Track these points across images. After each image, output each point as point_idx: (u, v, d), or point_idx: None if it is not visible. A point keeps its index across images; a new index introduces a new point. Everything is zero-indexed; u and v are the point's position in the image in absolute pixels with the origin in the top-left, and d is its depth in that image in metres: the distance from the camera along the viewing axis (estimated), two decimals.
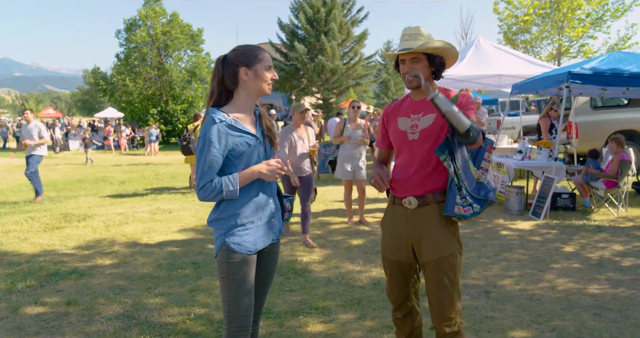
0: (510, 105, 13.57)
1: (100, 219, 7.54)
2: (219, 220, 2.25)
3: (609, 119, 10.63)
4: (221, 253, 2.23)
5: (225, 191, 2.17)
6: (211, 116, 2.19)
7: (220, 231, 2.25)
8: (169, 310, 3.91)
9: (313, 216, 7.43)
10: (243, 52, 2.25)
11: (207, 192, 2.17)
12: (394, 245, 2.53)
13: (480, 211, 2.35)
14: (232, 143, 2.19)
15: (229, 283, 2.23)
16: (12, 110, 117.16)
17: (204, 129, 2.17)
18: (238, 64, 2.22)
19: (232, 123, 2.21)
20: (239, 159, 2.23)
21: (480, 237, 5.97)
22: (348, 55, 34.36)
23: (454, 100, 2.42)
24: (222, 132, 2.17)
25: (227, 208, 2.24)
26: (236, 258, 2.22)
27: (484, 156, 2.49)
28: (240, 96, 2.28)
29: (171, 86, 27.28)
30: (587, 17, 23.39)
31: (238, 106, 2.28)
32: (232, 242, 2.21)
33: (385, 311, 3.79)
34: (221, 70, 2.24)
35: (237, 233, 2.22)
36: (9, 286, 4.51)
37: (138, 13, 27.47)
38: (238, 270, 2.22)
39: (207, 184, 2.17)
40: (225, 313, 2.27)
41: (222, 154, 2.18)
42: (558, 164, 7.44)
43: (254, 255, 2.28)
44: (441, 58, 2.45)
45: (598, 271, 4.69)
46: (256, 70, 2.24)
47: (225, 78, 2.24)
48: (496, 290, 4.22)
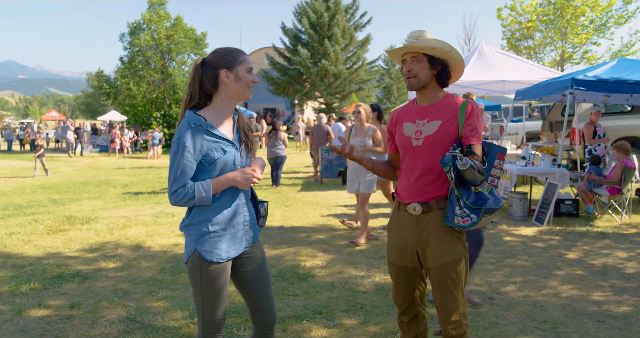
0: (513, 111, 13.59)
1: (103, 222, 7.56)
2: (190, 225, 2.21)
3: (612, 126, 10.63)
4: (192, 260, 2.19)
5: (197, 197, 2.13)
6: (186, 119, 2.15)
7: (192, 237, 2.20)
8: (173, 313, 3.91)
9: (316, 221, 7.44)
10: (223, 54, 2.21)
11: (179, 197, 2.12)
12: (399, 250, 2.54)
13: (478, 220, 2.30)
14: (207, 148, 2.15)
15: (203, 289, 2.21)
16: (16, 112, 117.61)
17: (179, 133, 2.13)
18: (218, 66, 2.19)
19: (208, 128, 2.17)
20: (214, 165, 2.18)
21: (484, 243, 5.95)
22: (351, 60, 34.43)
23: (463, 107, 2.39)
24: (196, 136, 2.13)
25: (199, 214, 2.20)
26: (208, 266, 2.18)
27: (493, 164, 2.45)
28: (220, 99, 2.23)
29: (175, 90, 27.36)
30: (591, 23, 23.45)
31: (216, 110, 2.23)
32: (204, 249, 2.18)
33: (388, 316, 3.79)
34: (200, 73, 2.20)
35: (208, 240, 2.19)
36: (13, 289, 4.52)
37: (142, 17, 27.58)
38: (210, 277, 2.19)
39: (180, 189, 2.12)
40: (199, 317, 2.26)
41: (195, 159, 2.14)
42: (561, 171, 7.44)
43: (227, 263, 2.25)
44: (444, 62, 2.43)
45: (602, 278, 4.68)
46: (237, 72, 2.20)
47: (204, 81, 2.19)
48: (499, 296, 4.22)
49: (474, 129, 2.37)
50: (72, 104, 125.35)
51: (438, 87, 2.49)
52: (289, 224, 7.19)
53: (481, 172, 2.28)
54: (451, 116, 2.40)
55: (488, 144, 2.48)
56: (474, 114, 2.38)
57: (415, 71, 2.43)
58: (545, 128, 12.90)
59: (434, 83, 2.47)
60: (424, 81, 2.44)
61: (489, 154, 2.46)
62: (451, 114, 2.40)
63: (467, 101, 2.42)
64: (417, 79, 2.43)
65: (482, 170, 2.29)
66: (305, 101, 34.86)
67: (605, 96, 7.95)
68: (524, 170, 7.85)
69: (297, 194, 10.30)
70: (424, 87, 2.47)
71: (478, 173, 2.26)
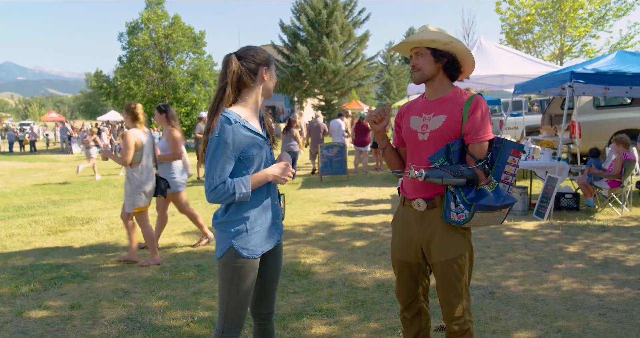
0: (513, 105, 13.57)
1: (103, 222, 7.55)
2: (227, 222, 2.22)
3: (612, 119, 10.60)
4: (227, 256, 2.21)
5: (238, 194, 2.13)
6: (225, 116, 2.13)
7: (227, 234, 2.22)
8: (173, 313, 3.91)
9: (316, 219, 7.43)
10: (261, 52, 2.26)
11: (219, 194, 2.12)
12: (403, 245, 2.52)
13: (470, 216, 2.24)
14: (245, 144, 2.16)
15: (232, 285, 2.22)
16: (16, 114, 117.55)
17: (219, 129, 2.11)
18: (260, 63, 2.23)
19: (245, 124, 2.18)
20: (251, 161, 2.20)
21: (484, 238, 5.96)
22: (350, 56, 34.35)
23: (467, 103, 2.33)
24: (236, 133, 2.13)
25: (237, 211, 2.21)
26: (242, 262, 2.21)
27: (506, 161, 2.36)
28: (252, 95, 2.26)
29: (174, 89, 27.34)
30: (590, 16, 23.38)
31: (247, 106, 2.25)
32: (240, 246, 2.20)
33: (389, 312, 3.78)
34: (240, 66, 2.19)
35: (245, 237, 2.21)
36: (13, 290, 4.52)
37: (140, 16, 27.54)
38: (242, 274, 2.22)
39: (220, 186, 2.12)
40: (222, 311, 2.27)
41: (235, 155, 2.15)
42: (561, 164, 7.42)
43: (259, 258, 2.28)
44: (450, 55, 2.38)
45: (602, 271, 4.67)
46: (272, 71, 2.28)
47: (243, 75, 2.20)
48: (500, 290, 4.21)
49: (475, 127, 2.31)
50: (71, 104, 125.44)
51: (447, 80, 2.44)
52: (289, 221, 7.18)
53: (459, 176, 2.25)
54: (456, 111, 2.34)
55: (500, 140, 2.38)
56: (477, 110, 2.31)
57: (419, 65, 2.39)
58: (545, 121, 12.88)
59: (441, 76, 2.42)
60: (427, 74, 2.40)
61: (502, 151, 2.37)
62: (456, 109, 2.35)
63: (473, 97, 2.34)
64: (420, 72, 2.40)
65: (460, 173, 2.25)
66: (304, 99, 34.82)
67: (605, 89, 7.92)
68: (524, 164, 7.83)
69: (297, 191, 10.29)
70: (431, 81, 2.43)
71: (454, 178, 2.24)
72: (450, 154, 2.33)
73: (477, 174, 2.29)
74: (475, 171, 2.29)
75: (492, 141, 2.38)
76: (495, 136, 2.41)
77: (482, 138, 2.32)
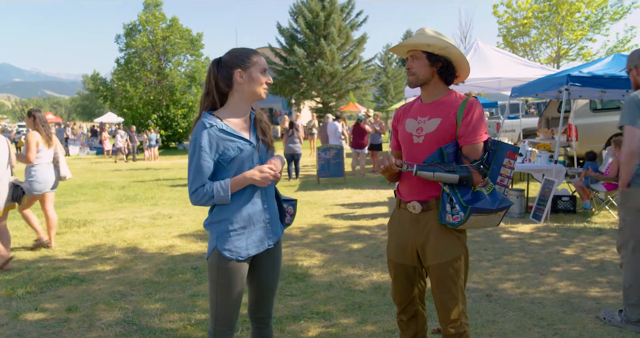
0: (509, 108, 13.59)
1: (100, 224, 7.54)
2: (212, 223, 2.28)
3: (608, 122, 10.63)
4: (212, 257, 2.26)
5: (216, 197, 2.18)
6: (202, 120, 2.19)
7: (213, 235, 2.27)
8: (170, 315, 3.90)
9: (314, 221, 7.43)
10: (238, 55, 2.24)
11: (199, 197, 2.18)
12: (399, 248, 2.52)
13: (465, 218, 2.25)
14: (223, 147, 2.19)
15: (219, 286, 2.25)
16: (12, 116, 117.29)
17: (195, 134, 2.18)
18: (233, 66, 2.22)
19: (224, 127, 2.20)
20: (231, 164, 2.22)
21: (481, 240, 5.96)
22: (347, 59, 34.41)
23: (462, 106, 2.34)
24: (212, 136, 2.16)
25: (219, 213, 2.25)
26: (226, 263, 2.23)
27: (502, 163, 2.38)
28: (234, 99, 2.27)
29: (171, 91, 27.32)
30: (586, 20, 23.48)
31: (232, 110, 2.27)
32: (223, 247, 2.23)
33: (386, 315, 3.78)
34: (216, 72, 2.23)
35: (228, 239, 2.24)
36: (9, 293, 4.50)
37: (138, 18, 27.55)
38: (227, 275, 2.24)
39: (199, 189, 2.18)
40: (212, 313, 2.30)
41: (212, 158, 2.18)
42: (558, 167, 7.43)
43: (245, 261, 2.28)
44: (446, 59, 2.39)
45: (599, 274, 4.68)
46: (251, 73, 2.23)
47: (219, 80, 2.23)
48: (497, 293, 4.21)
49: (469, 129, 2.32)
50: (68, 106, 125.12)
51: (442, 84, 2.45)
52: None
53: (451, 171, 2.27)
54: (451, 114, 2.35)
55: (496, 143, 2.40)
56: (472, 113, 2.32)
57: (414, 69, 2.41)
58: (542, 124, 12.92)
59: (436, 80, 2.43)
60: (422, 78, 2.41)
61: (497, 153, 2.38)
62: (451, 112, 2.36)
63: (468, 100, 2.36)
64: (415, 76, 2.42)
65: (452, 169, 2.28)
66: (302, 101, 34.85)
67: (601, 92, 7.94)
68: (521, 167, 7.85)
69: (294, 194, 10.29)
70: (426, 84, 2.44)
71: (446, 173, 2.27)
72: (443, 156, 2.33)
73: (472, 173, 2.30)
74: (469, 170, 2.30)
75: (488, 143, 2.39)
76: (491, 138, 2.42)
77: (476, 140, 2.33)
